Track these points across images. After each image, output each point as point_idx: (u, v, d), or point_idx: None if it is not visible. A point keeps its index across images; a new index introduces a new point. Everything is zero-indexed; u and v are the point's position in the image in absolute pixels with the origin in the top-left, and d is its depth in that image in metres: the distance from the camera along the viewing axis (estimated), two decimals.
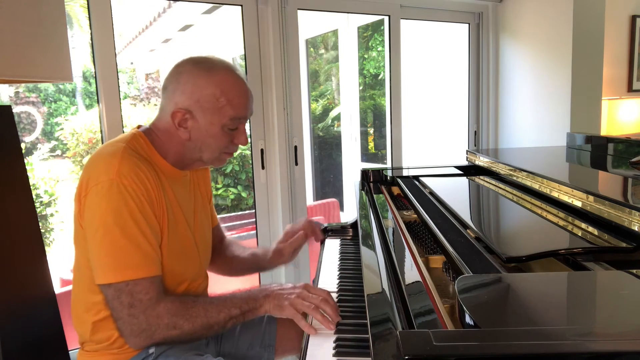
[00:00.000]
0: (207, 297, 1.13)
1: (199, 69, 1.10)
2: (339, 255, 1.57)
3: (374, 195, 1.67)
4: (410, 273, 0.93)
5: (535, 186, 1.25)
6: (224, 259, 1.47)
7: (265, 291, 1.12)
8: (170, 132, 1.14)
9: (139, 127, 1.18)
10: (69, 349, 1.47)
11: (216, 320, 1.07)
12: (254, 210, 2.51)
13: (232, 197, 4.63)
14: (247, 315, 1.10)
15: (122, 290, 1.01)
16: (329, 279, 1.37)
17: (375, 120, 5.61)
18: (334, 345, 0.98)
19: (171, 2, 6.44)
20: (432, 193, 1.44)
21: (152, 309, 1.02)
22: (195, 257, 1.23)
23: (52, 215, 4.44)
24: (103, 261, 1.02)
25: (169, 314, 1.03)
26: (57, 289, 2.43)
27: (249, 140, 2.45)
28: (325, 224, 1.81)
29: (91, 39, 1.97)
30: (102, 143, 2.04)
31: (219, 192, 4.62)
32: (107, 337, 1.11)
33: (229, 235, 1.55)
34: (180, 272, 1.17)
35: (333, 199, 4.38)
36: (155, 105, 5.71)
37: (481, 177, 1.63)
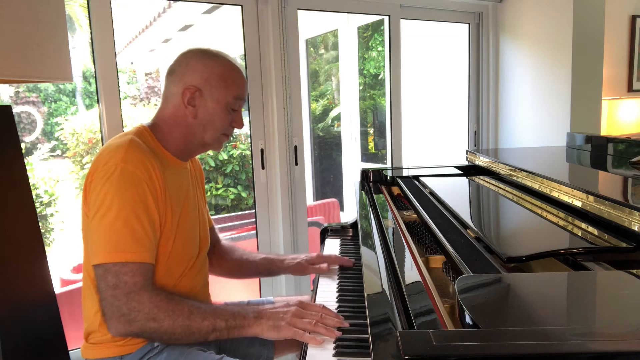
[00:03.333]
0: (196, 302, 1.11)
1: (207, 54, 1.21)
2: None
3: (374, 195, 1.67)
4: (410, 273, 0.93)
5: (535, 186, 1.25)
6: (232, 262, 1.48)
7: (258, 312, 1.07)
8: (176, 116, 1.20)
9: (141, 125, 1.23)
10: (69, 349, 1.47)
11: (198, 326, 1.03)
12: (254, 210, 2.51)
13: (232, 197, 4.63)
14: (232, 331, 1.05)
15: (109, 271, 1.02)
16: (329, 279, 1.37)
17: (375, 120, 5.61)
18: (334, 345, 0.98)
19: (171, 2, 6.44)
20: (432, 193, 1.44)
21: (135, 294, 1.02)
22: (196, 244, 1.27)
23: (52, 215, 4.44)
24: (98, 242, 1.04)
25: (151, 303, 1.02)
26: (57, 289, 2.43)
27: (249, 140, 2.45)
28: (325, 224, 1.82)
29: (91, 39, 1.97)
30: (102, 143, 2.05)
31: (219, 192, 4.62)
32: None
33: (224, 237, 1.56)
34: (183, 257, 1.20)
35: (333, 199, 4.38)
36: (155, 105, 5.72)
37: (481, 177, 1.63)
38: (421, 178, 1.66)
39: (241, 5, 2.30)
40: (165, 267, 1.15)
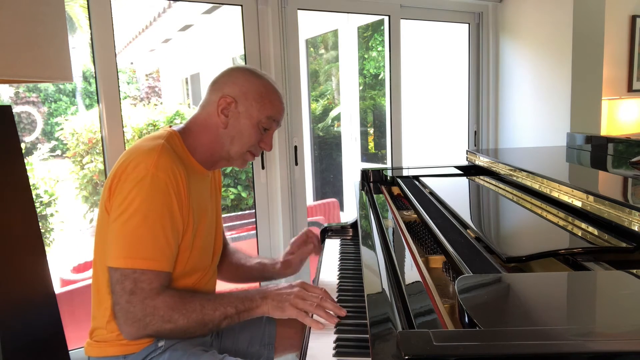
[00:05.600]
0: (206, 294, 1.14)
1: (251, 72, 1.24)
2: (339, 255, 1.57)
3: (374, 195, 1.67)
4: (410, 273, 0.93)
5: (535, 186, 1.25)
6: (229, 266, 1.48)
7: (263, 292, 1.12)
8: (207, 123, 1.20)
9: (170, 126, 1.22)
10: (69, 349, 1.47)
11: (211, 317, 1.07)
12: (254, 210, 2.51)
13: (232, 197, 4.63)
14: (242, 315, 1.10)
15: (127, 277, 1.02)
16: (329, 279, 1.37)
17: (375, 120, 5.61)
18: (334, 345, 0.98)
19: (171, 2, 6.44)
20: (432, 193, 1.44)
21: (151, 300, 1.03)
22: (210, 253, 1.28)
23: (52, 215, 4.44)
24: (119, 245, 1.04)
25: (166, 306, 1.04)
26: (57, 289, 2.44)
27: None
28: (325, 224, 1.82)
29: (91, 39, 1.97)
30: (102, 143, 2.05)
31: None
32: None
33: (230, 239, 1.56)
34: (197, 266, 1.21)
35: (333, 199, 4.39)
36: (155, 105, 5.72)
37: (481, 177, 1.63)
38: (421, 178, 1.66)
39: (241, 5, 2.30)
40: (180, 275, 1.16)
